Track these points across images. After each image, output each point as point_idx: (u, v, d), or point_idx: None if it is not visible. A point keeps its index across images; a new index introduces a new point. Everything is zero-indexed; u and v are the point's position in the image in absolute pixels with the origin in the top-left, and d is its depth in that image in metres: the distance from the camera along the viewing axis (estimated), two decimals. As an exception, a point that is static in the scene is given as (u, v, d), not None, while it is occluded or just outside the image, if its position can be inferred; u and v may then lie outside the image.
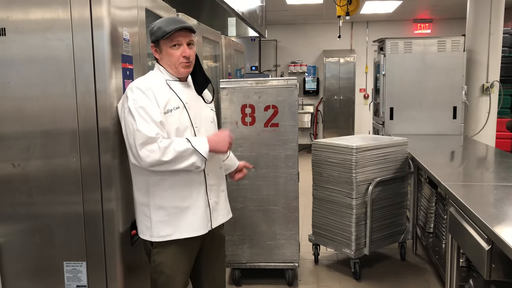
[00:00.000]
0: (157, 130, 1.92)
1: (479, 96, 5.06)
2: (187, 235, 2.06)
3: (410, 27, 9.65)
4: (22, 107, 1.98)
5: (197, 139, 2.00)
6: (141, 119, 1.91)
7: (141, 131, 1.89)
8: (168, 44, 2.03)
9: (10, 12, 1.94)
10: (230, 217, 2.32)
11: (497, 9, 4.92)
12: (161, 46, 2.05)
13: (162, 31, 2.01)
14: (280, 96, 3.23)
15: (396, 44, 5.00)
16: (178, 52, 2.04)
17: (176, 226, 2.04)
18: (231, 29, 6.33)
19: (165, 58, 2.06)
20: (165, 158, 1.91)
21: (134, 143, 1.91)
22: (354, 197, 3.38)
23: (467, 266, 3.03)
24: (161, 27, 2.02)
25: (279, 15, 8.61)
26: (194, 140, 1.98)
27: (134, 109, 1.92)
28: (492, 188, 2.69)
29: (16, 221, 2.05)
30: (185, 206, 2.05)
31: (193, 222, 2.07)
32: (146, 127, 1.90)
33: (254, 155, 3.27)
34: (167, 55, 2.05)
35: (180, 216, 2.04)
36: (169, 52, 2.04)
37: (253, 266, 3.41)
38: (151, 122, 1.92)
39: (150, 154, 1.90)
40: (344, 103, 9.41)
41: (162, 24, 2.03)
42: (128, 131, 1.94)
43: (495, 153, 3.89)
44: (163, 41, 2.03)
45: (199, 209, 2.09)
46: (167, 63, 2.07)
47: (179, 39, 2.03)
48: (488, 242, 1.91)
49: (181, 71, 2.08)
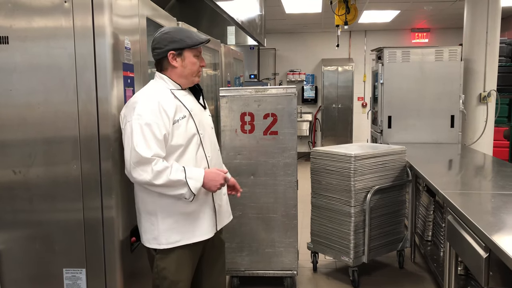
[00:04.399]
0: (155, 151, 1.92)
1: (477, 105, 5.09)
2: (196, 239, 2.08)
3: (407, 36, 9.71)
4: (24, 115, 1.99)
5: (194, 172, 1.99)
6: (141, 138, 1.91)
7: (138, 151, 1.90)
8: (193, 53, 2.09)
9: (13, 21, 1.96)
10: (231, 218, 2.36)
11: (494, 19, 4.97)
12: (185, 54, 2.07)
13: (193, 40, 2.05)
14: (279, 104, 3.25)
15: (394, 53, 5.04)
16: (198, 62, 2.11)
17: (184, 232, 2.06)
18: (230, 37, 6.36)
19: (186, 67, 2.08)
20: (156, 182, 1.92)
21: (129, 159, 1.93)
22: (353, 205, 3.39)
23: (465, 274, 3.03)
24: (190, 36, 2.06)
25: (278, 24, 8.67)
26: (189, 172, 1.97)
27: (138, 125, 1.92)
28: (489, 197, 2.70)
29: (17, 228, 2.05)
30: (192, 211, 2.08)
31: (201, 226, 2.10)
32: (143, 147, 1.90)
33: (253, 162, 3.29)
34: (190, 64, 2.08)
35: (188, 222, 2.06)
36: (192, 61, 2.09)
37: (251, 273, 3.41)
38: (151, 141, 1.91)
39: (142, 174, 1.91)
40: (342, 111, 9.44)
41: (188, 33, 2.07)
42: (126, 145, 1.95)
43: (492, 161, 3.92)
44: (190, 50, 2.07)
45: (206, 213, 2.12)
46: (181, 72, 2.09)
47: (200, 49, 2.12)
48: (486, 250, 1.93)
49: (195, 80, 2.14)
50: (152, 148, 1.91)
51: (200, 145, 2.10)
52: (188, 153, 2.05)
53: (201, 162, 2.10)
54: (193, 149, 2.07)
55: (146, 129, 1.92)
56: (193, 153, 2.07)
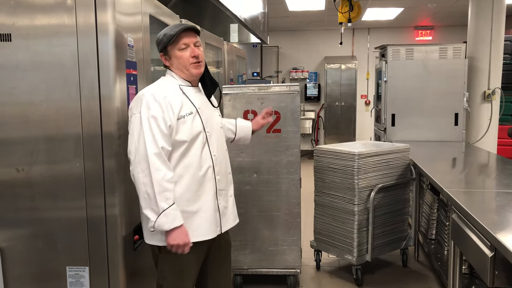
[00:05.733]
0: (162, 144, 1.92)
1: (481, 103, 5.06)
2: (197, 239, 2.06)
3: (411, 34, 9.67)
4: (27, 112, 1.99)
5: (174, 216, 1.92)
6: (148, 132, 1.91)
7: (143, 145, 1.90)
8: (175, 47, 2.05)
9: (16, 18, 1.95)
10: (237, 222, 2.34)
11: (499, 17, 4.94)
12: (170, 52, 2.07)
13: (167, 36, 2.03)
14: (282, 102, 3.24)
15: (398, 50, 5.02)
16: (187, 54, 2.05)
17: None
18: (233, 35, 6.36)
19: (176, 63, 2.07)
20: (142, 187, 1.90)
21: (133, 151, 1.93)
22: (356, 203, 3.38)
23: (469, 273, 3.02)
24: (166, 33, 2.04)
25: (281, 21, 8.64)
26: (169, 212, 1.91)
27: (145, 118, 1.92)
28: (494, 195, 2.69)
29: (19, 226, 2.05)
30: (195, 210, 2.06)
31: (203, 226, 2.08)
32: (150, 142, 1.90)
33: (256, 160, 3.28)
34: (176, 59, 2.06)
35: (190, 221, 2.04)
36: (178, 55, 2.05)
37: (254, 272, 3.41)
38: (157, 135, 1.91)
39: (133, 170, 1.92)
40: (345, 109, 9.42)
41: (166, 30, 2.05)
42: (131, 135, 1.96)
43: (496, 160, 3.89)
44: (171, 46, 2.05)
45: (208, 213, 2.10)
46: (178, 68, 2.08)
47: (185, 40, 2.04)
48: (491, 249, 1.91)
49: (193, 72, 2.08)
50: (159, 143, 1.91)
51: (206, 143, 2.09)
52: (192, 151, 2.04)
53: (205, 160, 2.09)
54: (198, 147, 2.05)
55: (152, 123, 1.92)
56: (198, 151, 2.06)
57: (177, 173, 2.01)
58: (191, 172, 2.03)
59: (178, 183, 2.01)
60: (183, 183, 2.02)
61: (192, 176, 2.04)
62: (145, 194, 1.91)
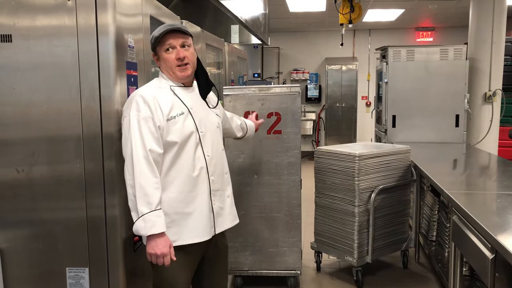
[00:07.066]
0: (150, 146, 1.91)
1: (482, 104, 5.06)
2: (191, 241, 2.05)
3: (412, 35, 9.67)
4: (27, 113, 1.99)
5: (153, 222, 1.87)
6: (137, 134, 1.90)
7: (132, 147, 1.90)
8: (162, 49, 2.04)
9: (16, 19, 1.95)
10: (236, 222, 2.31)
11: (500, 18, 4.94)
12: (158, 54, 2.06)
13: (154, 38, 2.03)
14: (283, 103, 3.23)
15: (399, 52, 5.02)
16: (172, 56, 2.03)
17: (179, 232, 2.03)
18: (234, 36, 6.36)
19: (163, 64, 2.07)
20: (128, 189, 1.90)
21: (130, 156, 1.92)
22: (357, 205, 3.38)
23: (470, 274, 3.01)
24: (154, 34, 2.04)
25: (281, 22, 8.65)
26: (149, 218, 1.87)
27: (135, 120, 1.91)
28: (495, 197, 2.68)
29: (20, 227, 2.05)
30: (188, 212, 2.04)
31: (196, 227, 2.06)
32: (138, 144, 1.90)
33: (256, 162, 3.28)
34: (163, 61, 2.06)
35: (183, 222, 2.03)
36: (164, 57, 2.05)
37: (255, 273, 3.40)
38: (146, 136, 1.91)
39: (124, 171, 1.92)
40: (346, 110, 9.42)
41: (156, 31, 2.05)
42: (123, 138, 1.96)
43: (497, 161, 3.89)
44: (158, 48, 2.05)
45: (202, 214, 2.08)
46: (166, 69, 2.08)
47: (170, 41, 2.02)
48: (492, 251, 1.91)
49: (178, 74, 2.06)
50: (147, 145, 1.90)
51: (199, 144, 2.07)
52: (185, 152, 2.02)
53: (198, 161, 2.06)
54: (190, 148, 2.03)
55: (142, 124, 1.91)
56: (191, 152, 2.03)
57: (170, 175, 2.00)
58: (184, 173, 2.02)
59: (172, 185, 2.00)
60: (176, 184, 2.01)
61: (185, 177, 2.02)
62: (132, 196, 1.90)
